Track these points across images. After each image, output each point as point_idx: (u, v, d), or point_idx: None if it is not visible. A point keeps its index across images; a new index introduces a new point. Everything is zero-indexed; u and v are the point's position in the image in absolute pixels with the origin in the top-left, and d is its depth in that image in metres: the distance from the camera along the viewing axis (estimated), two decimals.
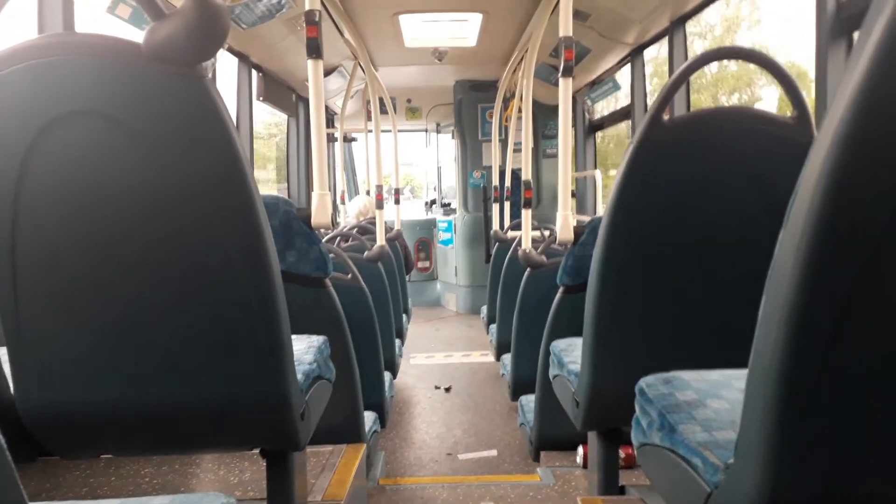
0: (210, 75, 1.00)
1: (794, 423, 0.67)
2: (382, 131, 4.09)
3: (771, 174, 1.29)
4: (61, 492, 1.79)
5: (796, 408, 0.66)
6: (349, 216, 5.05)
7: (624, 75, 4.42)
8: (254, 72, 4.00)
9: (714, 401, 1.01)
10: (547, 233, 4.04)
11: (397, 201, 4.75)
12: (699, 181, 1.31)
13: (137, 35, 1.02)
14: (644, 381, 1.13)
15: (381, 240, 3.32)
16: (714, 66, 6.06)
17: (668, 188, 1.32)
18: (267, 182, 5.89)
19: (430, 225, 7.40)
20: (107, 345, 1.11)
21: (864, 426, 0.68)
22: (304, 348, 1.47)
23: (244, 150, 1.04)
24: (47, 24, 2.09)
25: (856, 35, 2.02)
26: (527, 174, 3.14)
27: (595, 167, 5.45)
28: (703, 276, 1.39)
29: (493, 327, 4.04)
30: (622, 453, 2.07)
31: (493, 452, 3.01)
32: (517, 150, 4.49)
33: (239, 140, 1.03)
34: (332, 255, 2.09)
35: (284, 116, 5.20)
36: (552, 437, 2.48)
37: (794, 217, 0.62)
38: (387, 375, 2.98)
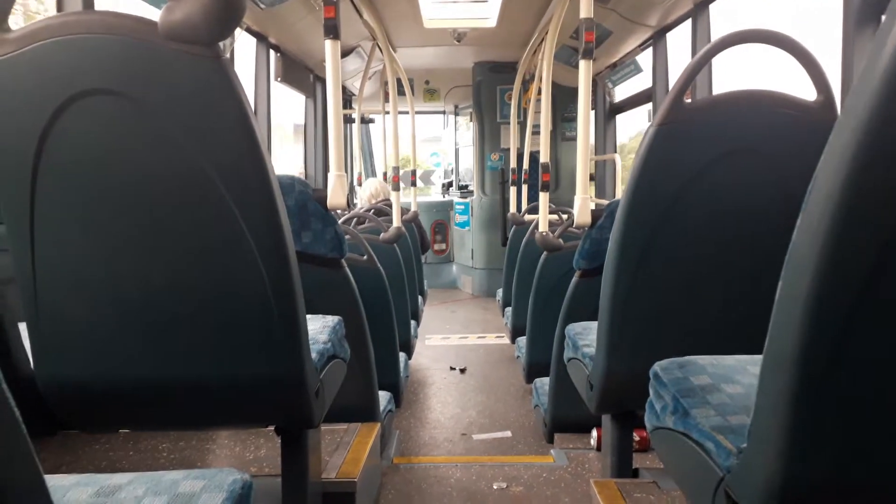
0: (227, 55, 1.00)
1: (807, 410, 0.67)
2: (400, 113, 4.06)
3: (792, 159, 1.27)
4: (81, 465, 1.82)
5: (810, 394, 0.66)
6: (361, 199, 5.05)
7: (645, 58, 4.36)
8: (272, 52, 3.99)
9: (729, 385, 1.00)
10: (564, 216, 4.01)
11: (414, 183, 4.73)
12: (719, 165, 1.29)
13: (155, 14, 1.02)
14: (659, 365, 1.13)
15: (397, 221, 3.32)
16: None
17: (688, 171, 1.30)
18: None
19: (447, 207, 7.38)
20: (122, 321, 1.12)
21: (877, 413, 0.67)
22: (319, 328, 1.48)
23: (261, 131, 1.04)
24: (67, 2, 2.10)
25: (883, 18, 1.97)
26: (545, 157, 3.12)
27: (615, 150, 5.39)
28: (719, 260, 1.37)
29: (509, 310, 4.04)
30: (636, 436, 2.07)
31: (507, 433, 3.02)
32: (536, 133, 4.46)
33: (256, 120, 1.03)
34: (347, 237, 2.10)
35: None
36: (566, 420, 2.48)
37: (813, 202, 0.61)
38: (402, 356, 2.99)
